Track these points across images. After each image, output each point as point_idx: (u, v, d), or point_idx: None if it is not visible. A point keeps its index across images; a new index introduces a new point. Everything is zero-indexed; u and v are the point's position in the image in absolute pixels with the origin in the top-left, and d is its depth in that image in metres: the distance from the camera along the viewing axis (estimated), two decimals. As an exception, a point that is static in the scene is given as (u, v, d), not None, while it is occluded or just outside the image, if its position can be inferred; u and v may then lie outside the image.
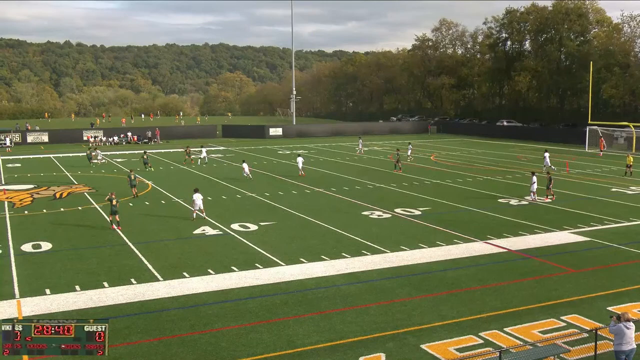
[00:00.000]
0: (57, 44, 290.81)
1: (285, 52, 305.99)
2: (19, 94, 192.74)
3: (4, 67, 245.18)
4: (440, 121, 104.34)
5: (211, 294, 18.68)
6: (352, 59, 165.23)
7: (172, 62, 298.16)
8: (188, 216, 30.14)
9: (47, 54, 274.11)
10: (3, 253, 23.61)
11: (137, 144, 78.49)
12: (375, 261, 22.26)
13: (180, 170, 49.47)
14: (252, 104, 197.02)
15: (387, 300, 18.16)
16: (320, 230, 27.35)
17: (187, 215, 30.44)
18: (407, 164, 51.75)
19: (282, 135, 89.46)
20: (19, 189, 39.95)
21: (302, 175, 44.97)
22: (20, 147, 72.90)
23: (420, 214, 30.86)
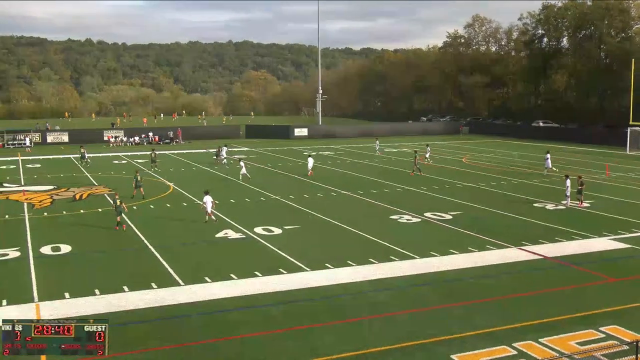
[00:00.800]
0: (79, 42, 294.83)
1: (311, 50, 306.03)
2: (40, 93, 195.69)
3: (25, 65, 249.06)
4: (473, 121, 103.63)
5: (233, 300, 18.75)
6: (381, 57, 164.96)
7: (194, 61, 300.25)
8: (215, 219, 30.30)
9: (68, 52, 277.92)
10: (22, 255, 23.97)
11: (159, 144, 79.20)
12: (404, 267, 22.16)
13: (203, 172, 49.75)
14: (277, 103, 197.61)
15: (416, 308, 18.06)
16: (346, 235, 27.31)
17: (209, 219, 30.60)
18: (429, 166, 51.48)
19: (307, 136, 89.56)
20: (39, 190, 40.56)
21: (310, 174, 46.11)
22: (40, 147, 73.99)
23: (452, 218, 30.66)
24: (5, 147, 75.13)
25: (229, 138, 78.80)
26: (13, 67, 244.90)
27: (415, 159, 48.25)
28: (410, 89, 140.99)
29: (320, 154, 64.29)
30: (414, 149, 54.26)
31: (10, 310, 17.75)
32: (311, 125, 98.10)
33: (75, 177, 47.27)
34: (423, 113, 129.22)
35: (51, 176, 47.64)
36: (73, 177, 46.89)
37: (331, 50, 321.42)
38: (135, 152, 67.32)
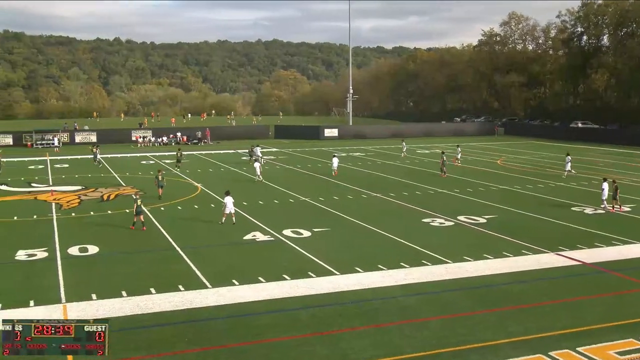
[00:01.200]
0: (107, 41, 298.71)
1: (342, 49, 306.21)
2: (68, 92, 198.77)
3: (53, 65, 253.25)
4: (508, 122, 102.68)
5: (261, 304, 18.82)
6: (414, 56, 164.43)
7: (223, 60, 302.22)
8: (237, 221, 30.48)
9: (96, 51, 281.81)
10: (50, 256, 24.36)
11: (187, 144, 79.85)
12: (436, 272, 22.04)
13: (231, 173, 50.02)
14: (307, 103, 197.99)
15: (449, 314, 17.95)
16: (377, 238, 27.26)
17: (237, 220, 30.78)
18: (460, 168, 51.11)
19: (337, 137, 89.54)
20: (67, 190, 41.18)
21: (335, 174, 46.96)
22: (69, 147, 75.09)
23: (486, 222, 30.41)
24: (33, 147, 76.43)
25: (257, 138, 79.14)
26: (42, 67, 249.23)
27: (442, 160, 48.15)
28: (443, 89, 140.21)
29: (350, 155, 64.28)
30: (442, 150, 54.02)
31: (37, 310, 18.04)
32: (341, 126, 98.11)
33: (103, 177, 47.89)
34: (457, 113, 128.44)
35: (79, 176, 48.34)
36: (101, 178, 47.51)
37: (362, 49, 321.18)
38: (163, 153, 67.94)
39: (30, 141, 77.82)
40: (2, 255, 24.52)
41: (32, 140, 77.84)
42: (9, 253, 24.67)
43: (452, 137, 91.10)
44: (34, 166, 56.21)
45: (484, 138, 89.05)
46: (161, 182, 37.49)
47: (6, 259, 23.94)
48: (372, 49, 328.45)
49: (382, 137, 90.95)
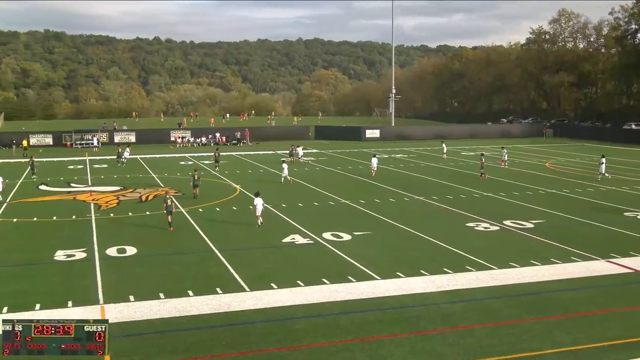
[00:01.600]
0: (147, 40, 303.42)
1: (384, 48, 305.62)
2: (107, 92, 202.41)
3: (93, 64, 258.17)
4: (558, 123, 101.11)
5: (300, 308, 18.86)
6: (459, 55, 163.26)
7: (263, 59, 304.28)
8: (274, 223, 30.65)
9: (136, 50, 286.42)
10: (88, 256, 24.80)
11: (226, 145, 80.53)
12: (481, 278, 21.82)
13: (270, 174, 50.29)
14: (348, 103, 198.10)
15: (494, 322, 17.74)
16: (419, 242, 27.10)
17: (276, 222, 30.97)
18: (505, 170, 50.53)
19: (379, 138, 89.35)
20: (105, 191, 41.90)
21: (373, 174, 47.93)
22: (108, 147, 76.36)
23: (533, 227, 30.00)
24: (73, 147, 77.98)
25: (297, 139, 79.40)
26: (82, 67, 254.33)
27: (481, 162, 48.11)
28: (489, 89, 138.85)
29: (392, 156, 64.07)
30: (481, 152, 53.58)
31: (75, 311, 18.38)
32: (383, 127, 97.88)
33: (142, 177, 48.60)
34: (503, 114, 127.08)
35: (117, 177, 49.14)
36: (139, 178, 48.22)
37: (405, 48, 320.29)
38: (202, 153, 68.66)
39: (70, 141, 79.46)
40: (42, 255, 25.06)
41: (72, 140, 79.47)
42: (48, 253, 25.21)
43: (499, 138, 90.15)
44: (73, 166, 57.35)
45: (531, 140, 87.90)
46: (196, 182, 38.28)
47: (45, 259, 24.46)
48: (416, 48, 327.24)
49: (425, 138, 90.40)
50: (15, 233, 29.35)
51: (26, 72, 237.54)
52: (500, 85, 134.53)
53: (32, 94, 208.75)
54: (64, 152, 71.78)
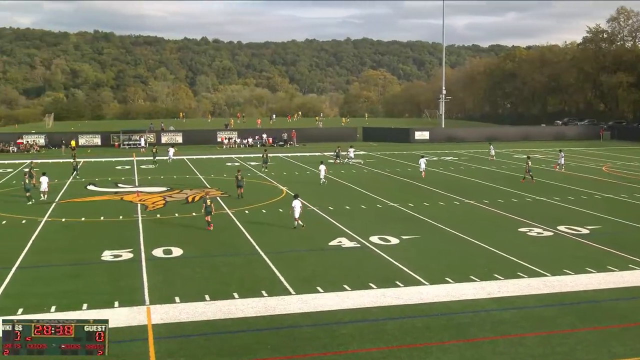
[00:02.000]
0: (194, 40, 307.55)
1: (435, 47, 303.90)
2: (155, 92, 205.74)
3: (141, 65, 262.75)
4: (616, 126, 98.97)
5: (346, 312, 18.86)
6: (512, 54, 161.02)
7: (311, 59, 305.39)
8: (320, 226, 30.69)
9: (183, 51, 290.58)
10: (134, 257, 25.23)
11: (273, 146, 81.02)
12: (533, 285, 21.49)
13: (316, 176, 50.35)
14: (397, 104, 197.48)
15: (546, 330, 17.46)
16: (469, 247, 26.84)
17: (322, 225, 31.02)
18: (560, 173, 49.66)
19: (428, 140, 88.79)
20: (152, 192, 42.56)
21: (423, 176, 48.21)
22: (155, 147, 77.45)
23: (589, 232, 29.43)
24: (120, 147, 79.46)
25: (345, 141, 79.35)
26: (130, 67, 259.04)
27: (527, 165, 47.72)
28: (543, 89, 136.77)
29: (442, 159, 63.62)
30: (527, 155, 52.85)
31: (121, 312, 18.71)
32: (433, 128, 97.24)
33: (188, 178, 49.22)
34: (558, 116, 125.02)
35: (164, 177, 49.88)
36: (186, 179, 48.86)
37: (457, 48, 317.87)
38: (249, 154, 69.22)
39: (118, 141, 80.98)
40: (89, 255, 25.60)
41: (120, 141, 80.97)
42: (96, 253, 25.73)
43: (553, 141, 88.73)
44: (120, 167, 58.42)
45: (587, 142, 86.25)
46: (240, 182, 38.94)
47: (93, 259, 24.98)
48: (467, 48, 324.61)
49: (476, 140, 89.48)
50: (64, 233, 30.04)
51: (76, 72, 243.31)
52: (555, 85, 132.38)
53: (81, 95, 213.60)
54: (112, 153, 73.20)
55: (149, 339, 16.66)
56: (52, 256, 25.66)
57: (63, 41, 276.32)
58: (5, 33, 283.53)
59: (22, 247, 26.87)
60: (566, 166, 54.45)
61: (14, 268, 23.63)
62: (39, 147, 78.28)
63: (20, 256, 25.38)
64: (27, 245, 27.33)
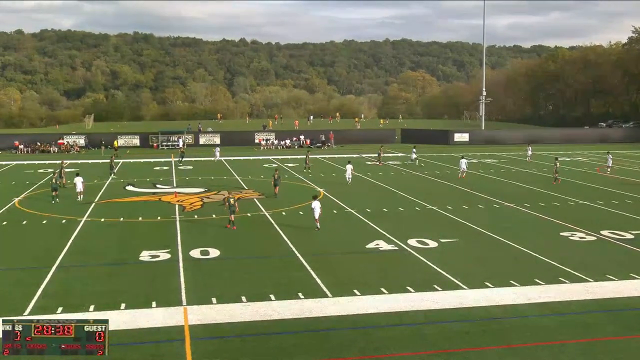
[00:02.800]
0: (233, 41, 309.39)
1: (475, 48, 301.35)
2: (194, 94, 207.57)
3: (180, 66, 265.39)
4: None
5: (384, 316, 18.80)
6: (554, 55, 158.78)
7: (349, 60, 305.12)
8: (358, 228, 30.64)
9: (222, 52, 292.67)
10: (172, 258, 25.50)
11: (310, 147, 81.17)
12: (575, 291, 21.17)
13: (354, 178, 50.32)
14: (436, 106, 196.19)
15: (589, 337, 17.19)
16: (510, 251, 26.56)
17: (360, 227, 30.99)
18: (605, 177, 48.84)
19: (468, 142, 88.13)
20: (190, 192, 42.97)
21: (462, 177, 48.72)
22: (193, 148, 78.33)
23: (634, 238, 28.89)
24: (159, 148, 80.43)
25: (383, 142, 79.12)
26: (169, 68, 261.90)
27: (555, 166, 47.91)
28: (587, 91, 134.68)
29: (482, 161, 63.09)
30: (556, 157, 52.31)
31: (158, 312, 18.90)
32: (473, 130, 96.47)
33: (226, 180, 49.58)
34: (602, 118, 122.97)
35: (202, 178, 50.32)
36: (223, 180, 49.22)
37: (497, 48, 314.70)
38: (286, 156, 69.45)
39: (156, 142, 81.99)
40: (127, 255, 25.96)
41: (158, 142, 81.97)
42: (134, 253, 26.07)
43: (596, 144, 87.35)
44: (159, 167, 59.11)
45: (632, 145, 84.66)
46: (277, 181, 40.15)
47: (131, 259, 25.32)
48: (508, 48, 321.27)
49: (517, 142, 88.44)
50: (103, 233, 30.48)
51: (115, 74, 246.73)
52: (599, 87, 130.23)
53: (121, 96, 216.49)
54: (151, 153, 74.12)
55: (185, 339, 16.81)
56: (91, 256, 26.07)
57: (103, 43, 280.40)
58: (48, 35, 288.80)
59: (62, 246, 27.36)
60: (610, 169, 53.53)
61: (53, 267, 24.07)
62: (79, 147, 79.69)
63: (60, 256, 25.84)
64: (67, 245, 27.81)
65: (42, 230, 31.25)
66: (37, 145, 79.21)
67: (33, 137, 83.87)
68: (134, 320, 18.22)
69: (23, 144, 78.98)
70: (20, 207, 37.50)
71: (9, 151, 77.93)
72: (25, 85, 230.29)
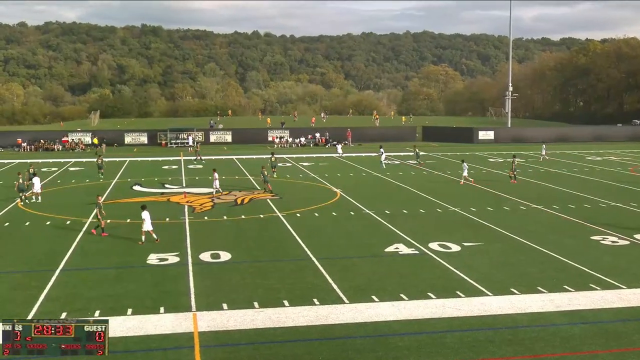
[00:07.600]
0: (245, 34, 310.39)
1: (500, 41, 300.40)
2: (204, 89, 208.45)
3: (190, 60, 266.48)
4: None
5: (403, 323, 18.77)
6: (585, 48, 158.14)
7: (367, 54, 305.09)
8: (377, 231, 30.62)
9: (233, 45, 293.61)
10: (181, 261, 25.58)
11: (325, 146, 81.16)
12: (607, 298, 21.04)
13: (373, 178, 50.35)
14: (459, 102, 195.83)
15: (621, 347, 17.08)
16: (537, 256, 26.43)
17: (379, 230, 30.97)
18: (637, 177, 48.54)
19: (493, 140, 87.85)
20: (200, 193, 43.10)
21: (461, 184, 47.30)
22: (203, 147, 78.49)
23: (669, 242, 28.70)
24: (168, 146, 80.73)
25: (404, 140, 79.08)
26: (178, 62, 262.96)
27: (513, 164, 48.94)
28: (620, 86, 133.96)
29: (507, 160, 62.82)
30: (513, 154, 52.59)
31: (166, 318, 18.96)
32: (498, 128, 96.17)
33: (237, 180, 49.69)
34: (636, 115, 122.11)
35: (212, 178, 50.36)
36: (235, 180, 49.33)
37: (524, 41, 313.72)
38: (301, 155, 69.48)
39: (165, 140, 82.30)
40: (135, 258, 26.07)
41: (167, 140, 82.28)
42: (141, 257, 26.18)
43: (629, 142, 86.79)
44: (167, 166, 59.37)
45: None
46: (266, 177, 43.25)
47: (138, 263, 25.43)
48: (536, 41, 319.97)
49: (544, 141, 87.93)
50: (109, 235, 30.61)
51: (122, 68, 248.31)
52: (633, 82, 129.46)
53: (128, 91, 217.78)
54: (159, 152, 74.42)
55: (195, 347, 16.86)
56: (97, 259, 26.19)
57: (109, 35, 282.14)
58: (52, 27, 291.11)
59: (66, 248, 27.54)
60: (644, 169, 53.22)
61: (57, 270, 24.22)
62: (84, 145, 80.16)
63: (65, 258, 26.00)
64: (71, 247, 27.99)
65: (45, 232, 31.47)
66: (41, 143, 79.83)
67: (36, 135, 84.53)
68: (141, 326, 18.29)
69: (26, 142, 79.64)
70: (22, 208, 37.80)
71: (12, 149, 78.58)
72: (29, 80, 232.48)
